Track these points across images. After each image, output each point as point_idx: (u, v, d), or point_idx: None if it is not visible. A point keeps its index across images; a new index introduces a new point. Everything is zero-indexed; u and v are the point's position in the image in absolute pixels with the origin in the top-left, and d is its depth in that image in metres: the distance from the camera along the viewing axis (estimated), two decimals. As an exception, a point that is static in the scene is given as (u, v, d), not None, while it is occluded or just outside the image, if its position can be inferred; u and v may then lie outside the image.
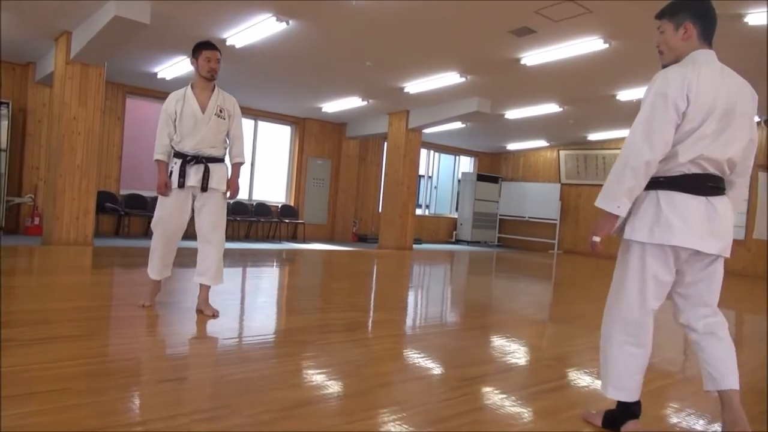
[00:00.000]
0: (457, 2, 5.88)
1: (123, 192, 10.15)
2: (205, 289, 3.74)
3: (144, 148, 10.67)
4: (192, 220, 3.72)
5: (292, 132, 12.72)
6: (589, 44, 6.86)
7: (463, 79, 8.67)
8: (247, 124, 11.97)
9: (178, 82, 9.14)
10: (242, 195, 11.82)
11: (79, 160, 7.53)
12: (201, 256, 3.70)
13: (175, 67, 8.73)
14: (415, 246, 12.10)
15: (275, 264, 8.02)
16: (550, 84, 8.83)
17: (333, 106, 11.19)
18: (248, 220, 11.45)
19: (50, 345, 2.76)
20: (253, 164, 12.04)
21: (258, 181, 12.15)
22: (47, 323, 3.18)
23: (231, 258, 7.05)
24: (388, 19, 6.45)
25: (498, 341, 3.75)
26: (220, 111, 3.65)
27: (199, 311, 3.71)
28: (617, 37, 6.63)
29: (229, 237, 10.15)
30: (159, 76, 9.28)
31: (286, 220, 11.98)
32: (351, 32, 6.97)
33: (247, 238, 11.49)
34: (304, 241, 11.90)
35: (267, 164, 12.33)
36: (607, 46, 6.80)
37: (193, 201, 3.67)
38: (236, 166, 3.82)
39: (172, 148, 3.65)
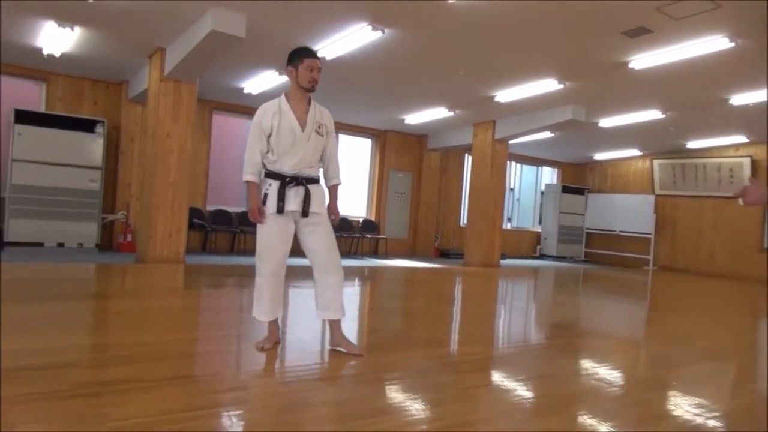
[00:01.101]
0: (567, 3, 5.41)
1: (209, 208, 10.17)
2: (336, 324, 3.31)
3: (229, 164, 10.70)
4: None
5: (372, 145, 12.49)
6: (712, 44, 6.20)
7: (561, 86, 8.13)
8: (328, 137, 11.80)
9: (264, 97, 9.05)
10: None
11: (172, 177, 7.50)
12: (320, 288, 3.26)
13: (262, 81, 8.65)
14: (500, 261, 11.53)
15: (357, 283, 7.70)
16: (657, 88, 8.14)
17: (416, 117, 10.86)
18: (330, 235, 11.21)
19: (176, 388, 2.48)
20: (333, 178, 11.84)
21: (339, 195, 11.93)
22: (163, 360, 2.92)
23: (310, 275, 6.76)
24: (486, 23, 6.04)
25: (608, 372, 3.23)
26: (319, 127, 3.24)
27: (337, 349, 3.30)
28: (745, 35, 5.94)
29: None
30: (245, 91, 9.24)
31: (368, 235, 11.71)
32: (446, 39, 6.61)
33: (328, 253, 11.25)
34: (386, 257, 11.58)
35: (348, 178, 12.11)
36: (732, 45, 6.12)
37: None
38: (334, 188, 3.40)
39: (264, 167, 3.24)
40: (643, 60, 6.88)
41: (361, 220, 11.97)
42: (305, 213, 3.18)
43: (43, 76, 8.68)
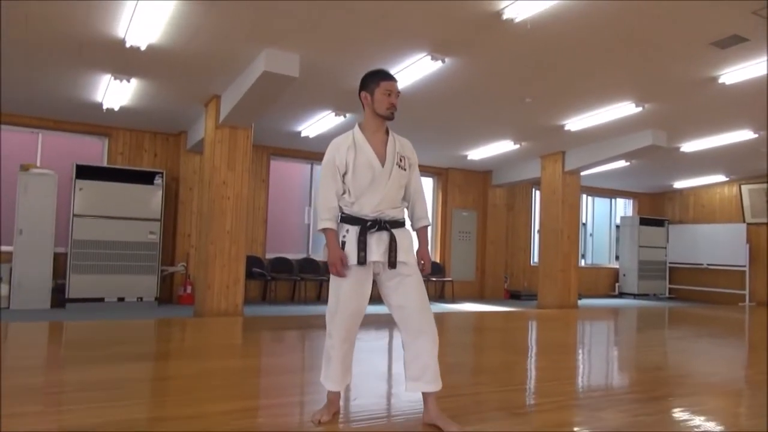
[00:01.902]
0: (646, 12, 4.83)
1: (269, 256, 9.89)
2: (431, 397, 2.71)
3: (288, 211, 10.46)
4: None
5: (434, 183, 12.01)
6: (820, 48, 5.43)
7: (639, 109, 7.44)
8: (388, 178, 11.43)
9: (321, 140, 8.81)
10: (385, 253, 11.19)
11: (229, 225, 7.24)
12: (411, 355, 2.70)
13: (319, 123, 8.40)
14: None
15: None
16: (750, 105, 7.32)
17: (480, 152, 10.33)
18: (393, 280, 10.71)
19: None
20: (395, 220, 11.41)
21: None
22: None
23: (377, 323, 6.29)
24: (554, 43, 5.52)
25: None
26: (401, 160, 2.77)
27: (432, 426, 2.70)
28: None
29: (374, 299, 9.55)
30: (302, 135, 9.02)
31: (433, 279, 11.12)
32: (511, 64, 6.12)
33: (392, 298, 10.73)
34: (453, 301, 10.93)
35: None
36: None
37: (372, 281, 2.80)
38: (423, 231, 2.90)
39: (340, 210, 2.77)
40: (735, 73, 6.16)
41: (425, 263, 11.39)
42: (392, 263, 2.68)
43: (105, 132, 8.76)
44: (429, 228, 2.97)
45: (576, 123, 8.24)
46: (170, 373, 4.07)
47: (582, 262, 13.79)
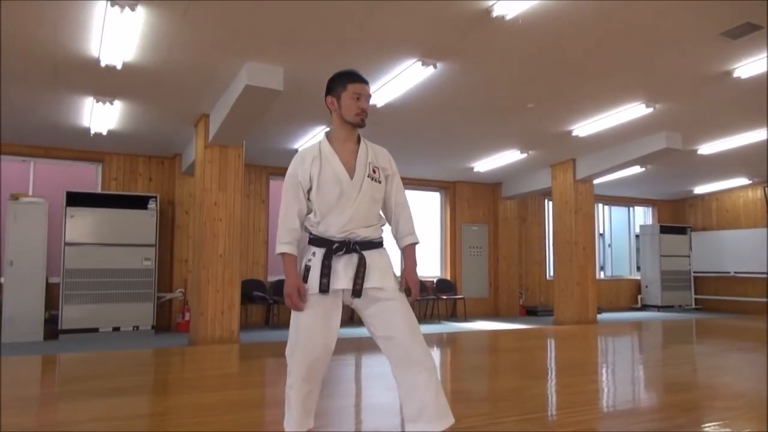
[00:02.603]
0: (646, 6, 4.45)
1: (271, 278, 9.57)
2: None
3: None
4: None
5: (441, 198, 11.63)
6: (844, 33, 4.98)
7: (650, 110, 7.01)
8: (393, 194, 11.08)
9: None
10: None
11: (222, 248, 6.94)
12: (405, 390, 2.30)
13: (315, 139, 8.05)
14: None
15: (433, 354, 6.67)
16: (769, 100, 6.85)
17: (486, 164, 9.94)
18: (402, 299, 10.30)
19: None
20: (402, 237, 11.02)
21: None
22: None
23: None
24: (552, 43, 5.15)
25: None
26: (374, 171, 2.43)
27: None
28: None
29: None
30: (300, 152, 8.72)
31: (443, 297, 10.68)
32: (508, 68, 5.76)
33: (402, 319, 10.31)
34: (465, 319, 10.46)
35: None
36: None
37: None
38: (410, 250, 2.52)
39: (306, 231, 2.44)
40: (750, 66, 5.72)
41: (435, 281, 10.97)
42: (356, 291, 2.32)
43: (98, 157, 8.57)
44: (417, 246, 2.56)
45: (584, 128, 7.83)
46: (155, 410, 3.72)
47: (601, 275, 13.24)
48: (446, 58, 5.50)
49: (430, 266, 11.34)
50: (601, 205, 13.34)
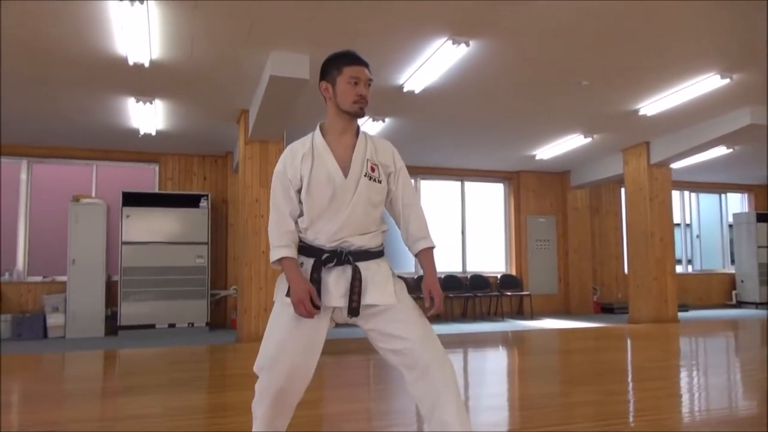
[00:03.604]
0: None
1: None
2: None
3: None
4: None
5: (505, 189, 11.04)
6: None
7: (726, 81, 6.17)
8: (453, 186, 10.67)
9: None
10: (455, 267, 10.40)
11: (264, 245, 6.85)
12: (427, 406, 1.94)
13: (363, 128, 7.84)
14: (680, 314, 9.18)
15: (494, 356, 6.24)
16: None
17: (548, 151, 9.29)
18: (463, 296, 9.89)
19: None
20: (463, 231, 10.59)
21: (471, 250, 10.61)
22: None
23: (451, 346, 5.54)
24: (598, 11, 4.58)
25: None
26: (372, 169, 2.07)
27: None
28: None
29: (443, 317, 8.82)
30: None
31: (508, 293, 10.13)
32: (554, 41, 5.22)
33: (463, 317, 9.89)
34: (531, 317, 9.86)
35: (479, 229, 10.75)
36: None
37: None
38: (426, 255, 2.12)
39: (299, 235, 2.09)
40: None
41: (498, 276, 10.43)
42: (353, 310, 1.97)
43: (154, 158, 8.80)
44: (433, 250, 2.14)
45: (652, 106, 7.06)
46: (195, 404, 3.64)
47: (689, 269, 12.11)
48: (479, 35, 5.06)
49: (493, 262, 10.80)
50: (687, 193, 12.19)
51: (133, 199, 8.00)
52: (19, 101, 6.46)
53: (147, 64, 5.40)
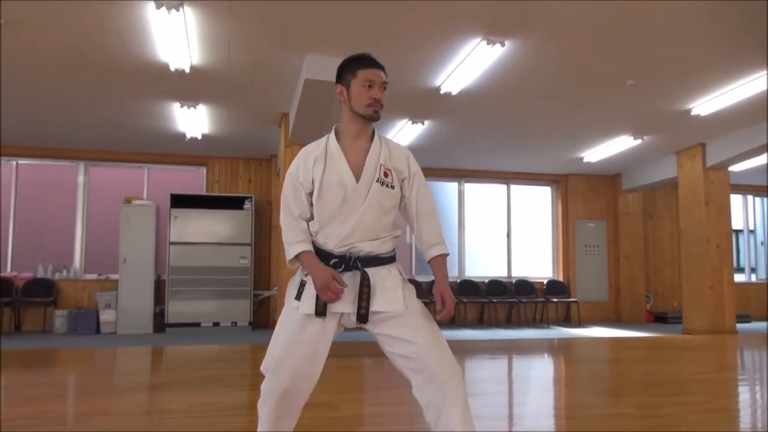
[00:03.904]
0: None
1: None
2: None
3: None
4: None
5: (552, 193, 10.77)
6: None
7: (787, 78, 5.80)
8: (498, 189, 10.50)
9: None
10: (500, 272, 10.21)
11: (303, 246, 6.93)
12: (433, 414, 1.94)
13: (399, 135, 7.86)
14: (739, 326, 8.68)
15: (536, 365, 6.08)
16: None
17: (596, 153, 8.99)
18: (508, 302, 9.70)
19: None
20: (509, 235, 10.39)
21: (516, 255, 10.39)
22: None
23: (491, 352, 5.49)
24: (645, 7, 4.39)
25: None
26: (385, 174, 2.06)
27: None
28: None
29: (487, 323, 8.67)
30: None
31: (555, 299, 9.85)
32: (591, 40, 5.05)
33: (508, 323, 9.70)
34: (579, 325, 9.55)
35: (525, 234, 10.52)
36: None
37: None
38: (439, 262, 2.10)
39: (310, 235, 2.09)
40: None
41: (545, 282, 10.16)
42: (362, 317, 1.97)
43: (202, 161, 9.08)
44: (447, 257, 2.11)
45: (706, 105, 6.71)
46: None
47: (752, 277, 11.45)
48: (514, 35, 4.96)
49: (539, 267, 10.54)
50: (750, 197, 11.52)
51: (180, 201, 8.28)
52: (75, 108, 6.81)
53: (188, 70, 5.58)
